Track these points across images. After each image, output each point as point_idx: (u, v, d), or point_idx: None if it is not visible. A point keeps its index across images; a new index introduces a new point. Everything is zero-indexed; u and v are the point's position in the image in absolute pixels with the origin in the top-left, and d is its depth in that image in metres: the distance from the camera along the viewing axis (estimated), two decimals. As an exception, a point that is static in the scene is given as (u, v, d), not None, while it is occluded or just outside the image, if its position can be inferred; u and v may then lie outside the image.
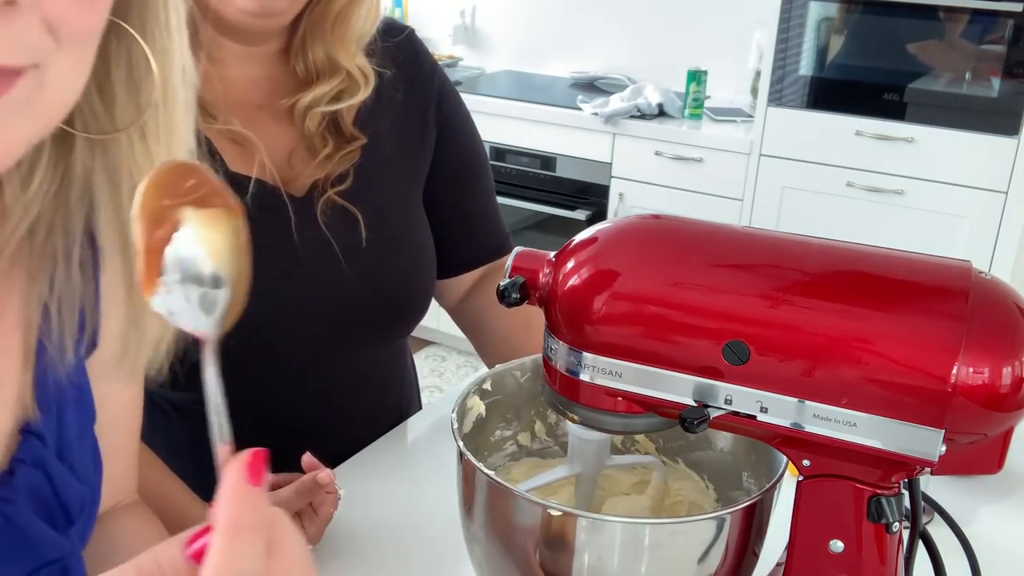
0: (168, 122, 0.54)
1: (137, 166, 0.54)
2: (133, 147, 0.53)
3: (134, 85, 0.52)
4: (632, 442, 0.92)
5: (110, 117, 0.53)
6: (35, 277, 0.57)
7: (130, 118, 0.53)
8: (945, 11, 2.56)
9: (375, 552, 0.94)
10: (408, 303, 1.11)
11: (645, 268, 0.65)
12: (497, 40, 3.65)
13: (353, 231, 1.03)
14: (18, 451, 0.57)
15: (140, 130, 0.53)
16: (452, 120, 1.16)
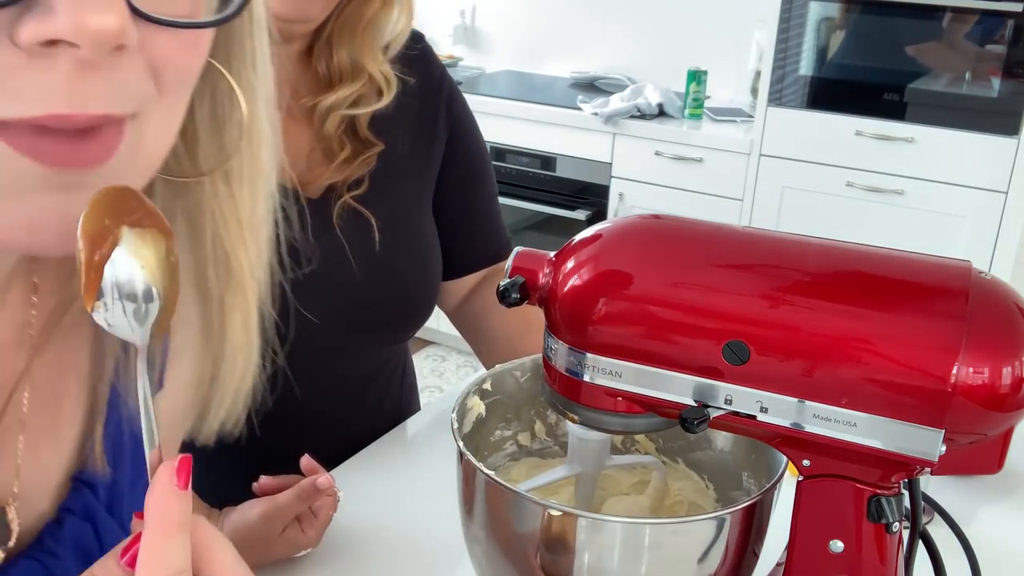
0: (253, 163, 0.51)
1: (220, 210, 0.51)
2: (217, 190, 0.51)
3: (217, 125, 0.50)
4: (632, 442, 0.92)
5: (192, 159, 0.50)
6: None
7: (213, 159, 0.50)
8: (945, 11, 2.56)
9: (375, 552, 0.94)
10: (414, 306, 1.12)
11: (645, 268, 0.65)
12: (497, 40, 3.65)
13: (366, 235, 1.04)
14: (68, 500, 0.55)
15: (224, 172, 0.51)
16: (460, 125, 1.17)
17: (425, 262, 1.12)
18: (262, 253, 0.55)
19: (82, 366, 0.57)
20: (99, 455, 0.56)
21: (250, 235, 0.53)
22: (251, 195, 0.52)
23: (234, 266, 0.53)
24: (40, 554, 0.53)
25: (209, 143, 0.50)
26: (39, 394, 0.54)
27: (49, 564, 0.53)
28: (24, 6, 0.35)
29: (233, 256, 0.52)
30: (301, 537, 0.89)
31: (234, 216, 0.52)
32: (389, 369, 1.19)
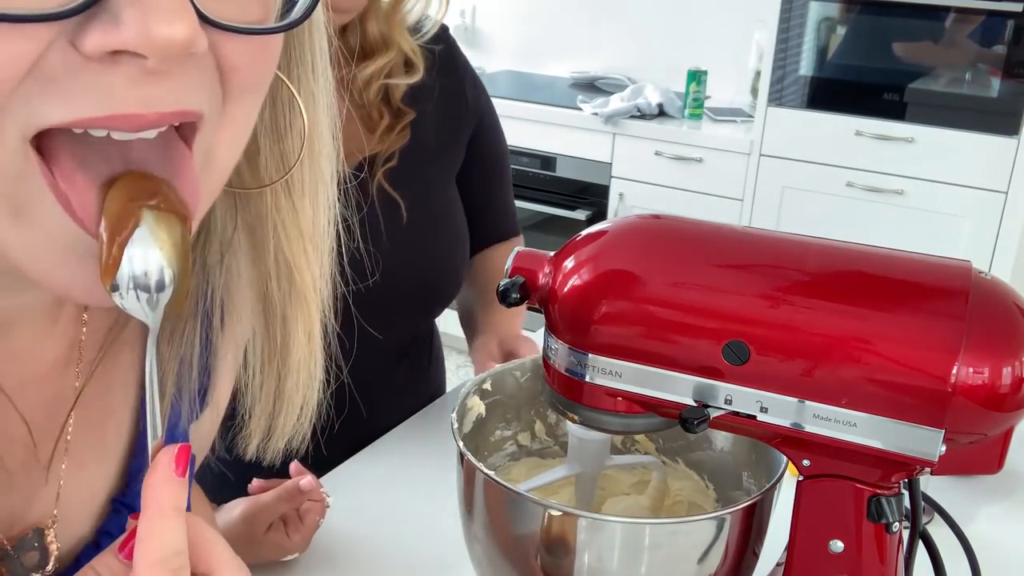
0: (314, 174, 0.50)
1: (282, 221, 0.50)
2: (278, 201, 0.49)
3: (279, 135, 0.49)
4: (632, 442, 0.92)
5: (253, 170, 0.49)
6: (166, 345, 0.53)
7: (274, 170, 0.49)
8: (945, 11, 2.56)
9: (376, 552, 0.94)
10: (442, 283, 1.16)
11: (645, 268, 0.65)
12: (497, 40, 3.64)
13: (394, 212, 1.08)
14: (107, 523, 0.55)
15: (285, 183, 0.49)
16: (485, 110, 1.23)
17: (452, 239, 1.16)
18: (324, 265, 0.53)
19: (130, 385, 0.56)
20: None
21: (312, 247, 0.52)
22: (312, 206, 0.51)
23: (297, 279, 0.51)
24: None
25: (270, 153, 0.49)
26: (86, 414, 0.53)
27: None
28: (89, 14, 0.33)
29: (296, 268, 0.51)
30: (286, 541, 0.89)
31: (296, 228, 0.51)
32: (417, 347, 1.22)
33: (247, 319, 0.53)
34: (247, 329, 0.53)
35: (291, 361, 0.54)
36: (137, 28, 0.33)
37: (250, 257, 0.51)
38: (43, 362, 0.51)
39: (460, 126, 1.19)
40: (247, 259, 0.51)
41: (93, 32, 0.33)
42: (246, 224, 0.50)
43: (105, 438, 0.55)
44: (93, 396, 0.54)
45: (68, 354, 0.52)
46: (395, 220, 1.08)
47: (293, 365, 0.54)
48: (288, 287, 0.51)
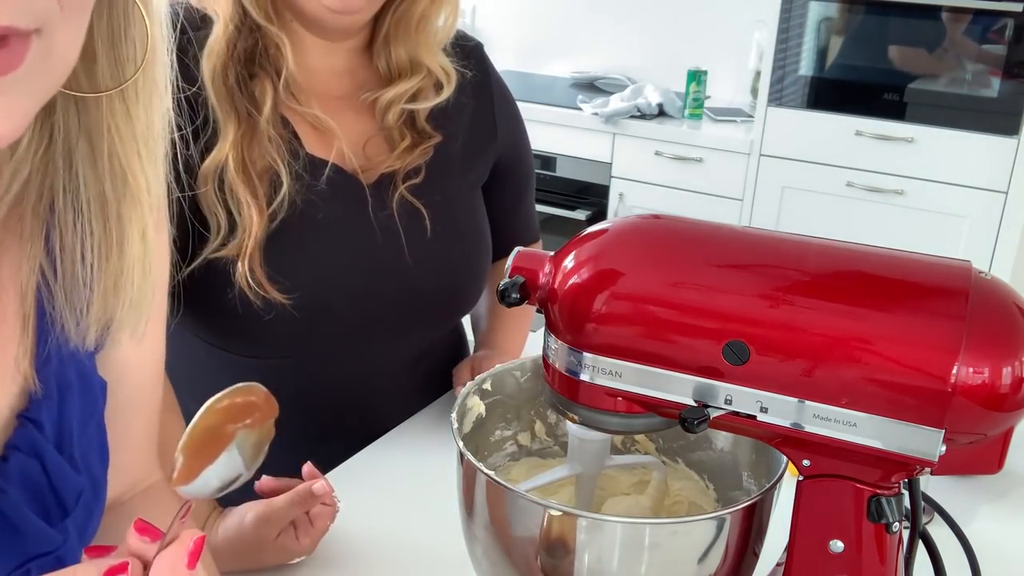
0: (148, 82, 0.53)
1: (116, 126, 0.53)
2: (113, 106, 0.52)
3: (114, 42, 0.51)
4: (632, 442, 0.92)
5: (90, 76, 0.51)
6: (29, 242, 0.56)
7: (110, 76, 0.52)
8: (945, 11, 2.56)
9: (375, 552, 0.94)
10: (463, 292, 1.17)
11: (645, 268, 0.65)
12: (497, 40, 3.64)
13: (418, 222, 1.08)
14: (13, 437, 0.56)
15: (120, 91, 0.52)
16: (513, 130, 1.24)
17: (474, 251, 1.17)
18: (158, 169, 0.56)
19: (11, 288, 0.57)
20: (28, 372, 0.57)
21: (145, 151, 0.54)
22: (146, 113, 0.54)
23: (130, 180, 0.54)
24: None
25: (106, 60, 0.51)
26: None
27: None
28: None
29: (129, 171, 0.54)
30: (295, 544, 0.89)
31: (130, 133, 0.53)
32: (438, 352, 1.23)
33: (88, 217, 0.55)
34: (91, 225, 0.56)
35: (126, 258, 0.56)
36: None
37: (89, 159, 0.54)
38: None
39: (487, 147, 1.19)
40: (87, 161, 0.54)
41: None
42: (85, 128, 0.53)
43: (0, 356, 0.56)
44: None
45: None
46: (418, 230, 1.08)
47: (128, 262, 0.56)
48: (122, 188, 0.54)
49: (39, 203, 0.55)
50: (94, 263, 0.56)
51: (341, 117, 1.06)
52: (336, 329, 1.06)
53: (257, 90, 0.99)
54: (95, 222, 0.55)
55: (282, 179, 0.99)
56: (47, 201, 0.55)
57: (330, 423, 1.13)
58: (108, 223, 0.55)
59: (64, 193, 0.55)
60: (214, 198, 0.97)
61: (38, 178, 0.54)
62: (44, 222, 0.56)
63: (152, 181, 0.55)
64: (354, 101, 1.09)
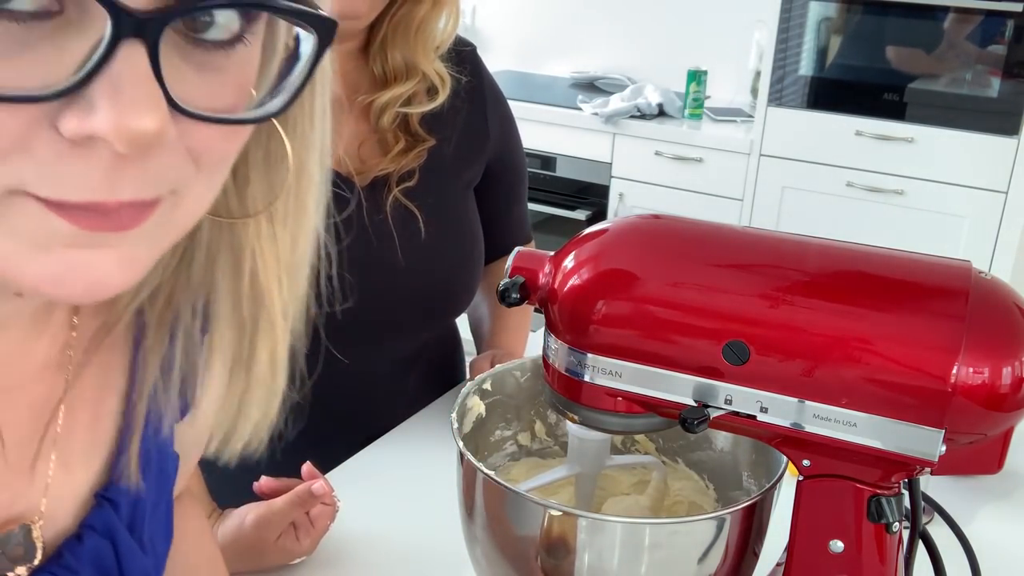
0: (298, 206, 0.52)
1: (260, 248, 0.51)
2: (260, 229, 0.51)
3: (270, 168, 0.50)
4: (632, 442, 0.92)
5: (241, 199, 0.50)
6: (148, 347, 0.56)
7: (261, 200, 0.50)
8: (945, 11, 2.56)
9: (375, 552, 0.94)
10: (455, 292, 1.18)
11: (645, 268, 0.65)
12: (497, 40, 3.65)
13: (412, 224, 1.09)
14: (89, 517, 0.56)
15: (268, 212, 0.51)
16: (506, 128, 1.24)
17: (467, 254, 1.18)
18: (298, 293, 0.55)
19: (119, 384, 0.57)
20: (134, 471, 0.56)
21: (286, 275, 0.53)
22: (292, 237, 0.52)
23: (267, 303, 0.53)
24: (59, 569, 0.53)
25: (259, 184, 0.50)
26: (75, 413, 0.54)
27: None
28: (69, 98, 0.35)
29: (268, 293, 0.53)
30: (295, 546, 0.89)
31: (273, 255, 0.52)
32: (433, 352, 1.23)
33: (223, 332, 0.55)
34: (228, 343, 0.55)
35: (252, 378, 0.55)
36: (109, 117, 0.35)
37: (230, 276, 0.53)
38: (32, 365, 0.52)
39: (480, 150, 1.20)
40: (227, 276, 0.53)
41: (71, 118, 0.35)
42: (230, 248, 0.52)
43: (92, 436, 0.56)
44: (81, 397, 0.55)
45: (59, 357, 0.53)
46: (411, 232, 1.08)
47: (254, 381, 0.56)
48: (257, 310, 0.53)
49: (166, 310, 0.55)
50: (222, 377, 0.55)
51: (335, 120, 1.06)
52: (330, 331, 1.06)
53: None
54: (226, 337, 0.54)
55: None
56: (174, 311, 0.55)
57: (328, 423, 1.13)
58: (241, 342, 0.54)
59: (195, 305, 0.54)
60: None
61: (168, 288, 0.54)
62: (165, 330, 0.55)
63: (290, 305, 0.54)
64: (348, 104, 1.09)
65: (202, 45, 0.38)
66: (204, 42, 0.38)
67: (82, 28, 0.35)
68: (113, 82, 0.34)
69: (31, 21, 0.34)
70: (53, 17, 0.34)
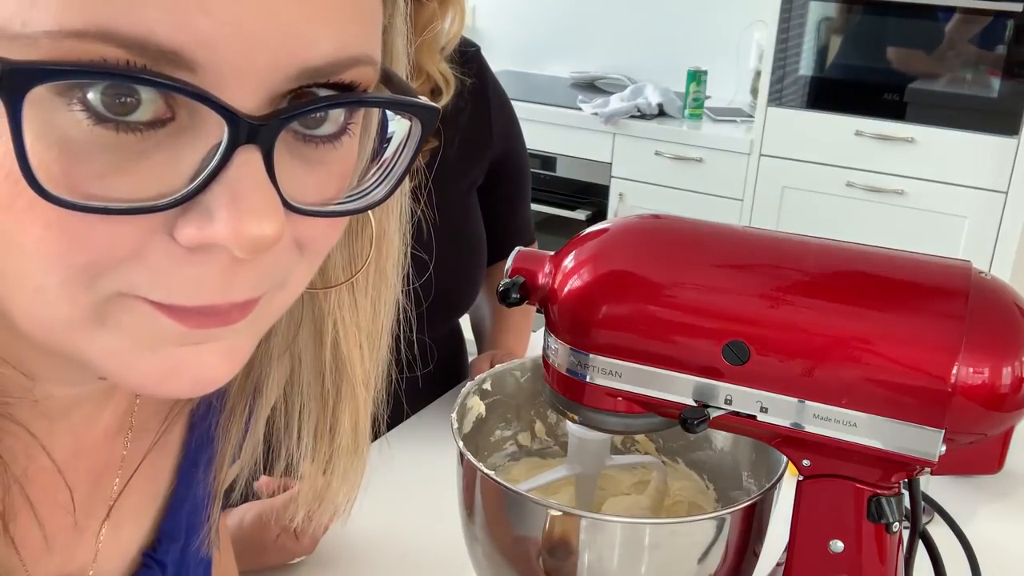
0: (379, 274, 0.52)
1: (342, 318, 0.51)
2: (341, 298, 0.51)
3: (350, 240, 0.50)
4: (632, 442, 0.92)
5: (322, 271, 0.50)
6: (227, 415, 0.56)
7: (341, 271, 0.50)
8: (945, 11, 2.56)
9: (376, 552, 0.94)
10: (458, 294, 1.19)
11: (645, 268, 0.65)
12: (497, 40, 3.64)
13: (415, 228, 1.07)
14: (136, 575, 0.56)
15: (350, 283, 0.51)
16: (509, 132, 1.24)
17: (469, 256, 1.18)
18: (379, 362, 0.55)
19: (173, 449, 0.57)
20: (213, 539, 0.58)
21: (367, 344, 0.53)
22: (373, 305, 0.52)
23: (348, 371, 0.53)
24: None
25: (340, 255, 0.50)
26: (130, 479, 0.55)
27: None
28: (186, 207, 0.34)
29: (349, 362, 0.53)
30: (295, 545, 0.89)
31: (354, 324, 0.52)
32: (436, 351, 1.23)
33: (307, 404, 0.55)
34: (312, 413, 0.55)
35: (336, 447, 0.56)
36: (229, 226, 0.34)
37: (312, 345, 0.52)
38: (96, 433, 0.52)
39: (483, 152, 1.20)
40: (309, 346, 0.52)
41: (188, 226, 0.34)
42: (309, 316, 0.52)
43: (143, 498, 0.56)
44: (137, 462, 0.55)
45: (120, 423, 0.53)
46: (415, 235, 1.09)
47: (337, 451, 0.56)
48: (340, 378, 0.53)
49: (245, 381, 0.55)
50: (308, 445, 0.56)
51: None
52: None
53: None
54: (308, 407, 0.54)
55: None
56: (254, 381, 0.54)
57: None
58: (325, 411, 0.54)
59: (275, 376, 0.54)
60: None
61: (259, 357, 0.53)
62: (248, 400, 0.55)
63: (371, 373, 0.54)
64: None
65: (312, 141, 0.38)
66: (314, 138, 0.38)
67: (196, 134, 0.34)
68: (231, 189, 0.33)
69: (147, 131, 0.33)
70: (166, 124, 0.33)
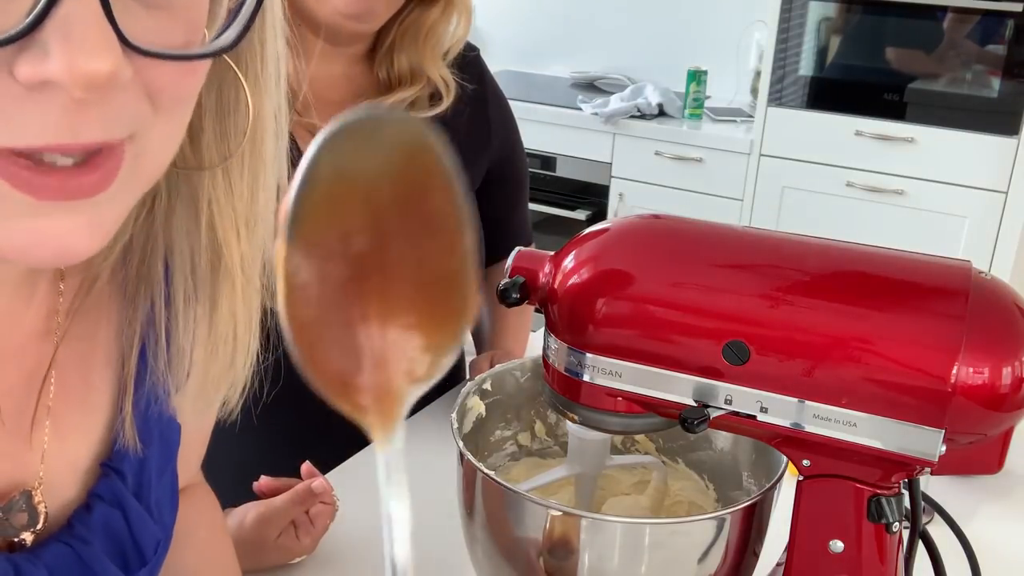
0: (255, 157, 0.51)
1: (216, 198, 0.51)
2: (216, 180, 0.51)
3: (222, 116, 0.50)
4: (632, 442, 0.92)
5: (195, 148, 0.50)
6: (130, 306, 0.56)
7: (215, 149, 0.50)
8: (945, 11, 2.56)
9: (376, 552, 0.94)
10: None
11: (645, 268, 0.65)
12: (497, 40, 3.64)
13: None
14: (97, 487, 0.56)
15: (226, 164, 0.51)
16: (508, 135, 1.24)
17: None
18: (257, 248, 0.54)
19: (109, 347, 0.57)
20: (130, 434, 0.56)
21: (244, 227, 0.53)
22: (251, 188, 0.52)
23: (225, 255, 0.53)
24: (70, 539, 0.54)
25: (213, 134, 0.50)
26: (66, 379, 0.55)
27: (79, 549, 0.54)
28: (22, 44, 0.35)
29: (225, 246, 0.52)
30: (296, 544, 0.89)
31: (230, 207, 0.52)
32: None
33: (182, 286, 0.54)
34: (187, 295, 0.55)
35: (216, 335, 0.55)
36: (63, 61, 0.34)
37: (186, 229, 0.52)
38: (20, 334, 0.52)
39: (481, 154, 1.20)
40: (183, 229, 0.53)
41: (25, 64, 0.35)
42: (185, 198, 0.52)
43: (87, 401, 0.56)
44: (72, 366, 0.55)
45: (46, 324, 0.54)
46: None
47: (218, 338, 0.56)
48: (217, 260, 0.53)
49: (142, 266, 0.55)
50: (193, 333, 0.55)
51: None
52: None
53: None
54: (190, 292, 0.54)
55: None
56: (149, 265, 0.55)
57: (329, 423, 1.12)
58: (201, 295, 0.54)
59: (163, 259, 0.54)
60: None
61: (140, 241, 0.54)
62: (148, 286, 0.55)
63: (250, 257, 0.54)
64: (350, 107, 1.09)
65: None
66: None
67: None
68: (65, 25, 0.34)
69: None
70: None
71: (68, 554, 0.54)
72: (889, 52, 2.69)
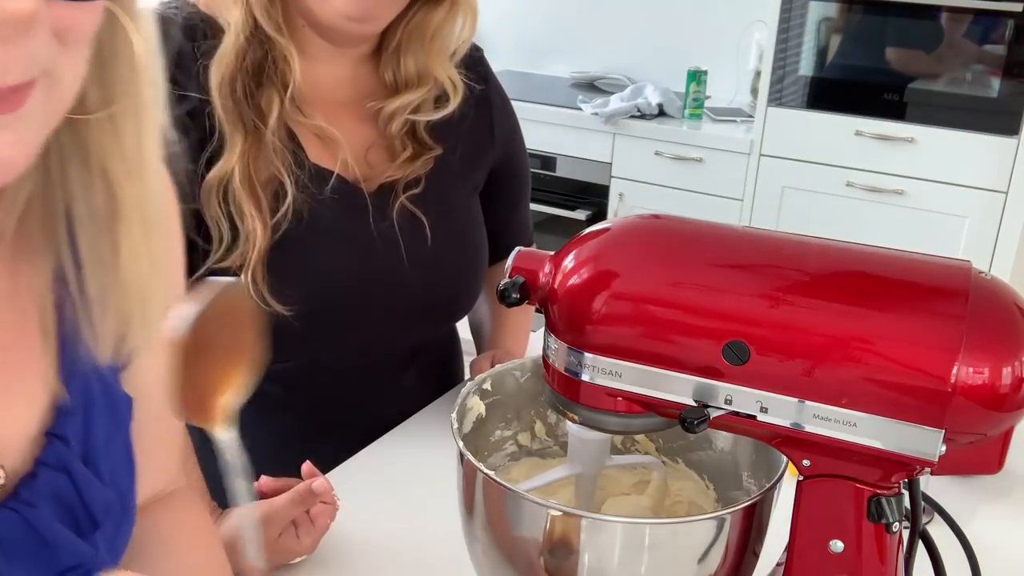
0: (137, 101, 0.54)
1: (105, 145, 0.54)
2: (103, 126, 0.53)
3: (101, 63, 0.52)
4: (632, 442, 0.92)
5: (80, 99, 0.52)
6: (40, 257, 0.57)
7: (97, 96, 0.52)
8: (945, 11, 2.56)
9: (376, 552, 0.94)
10: (460, 296, 1.18)
11: (645, 268, 0.65)
12: (497, 40, 3.64)
13: (418, 231, 1.09)
14: (42, 454, 0.57)
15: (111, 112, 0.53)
16: (511, 136, 1.24)
17: (472, 260, 1.18)
18: (151, 187, 0.57)
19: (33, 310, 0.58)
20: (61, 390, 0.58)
21: (136, 170, 0.55)
22: (136, 131, 0.54)
23: (120, 198, 0.55)
24: (16, 504, 0.55)
25: (94, 81, 0.52)
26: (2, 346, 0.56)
27: (26, 514, 0.55)
28: None
29: (119, 189, 0.55)
30: (296, 544, 0.89)
31: (119, 152, 0.54)
32: (433, 350, 1.24)
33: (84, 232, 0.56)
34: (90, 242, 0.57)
35: (122, 276, 0.57)
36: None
37: (81, 176, 0.55)
38: None
39: (485, 156, 1.20)
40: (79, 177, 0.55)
41: None
42: (76, 147, 0.54)
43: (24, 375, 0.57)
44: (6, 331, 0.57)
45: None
46: (417, 238, 1.08)
47: (124, 280, 0.57)
48: (114, 206, 0.55)
49: (49, 218, 0.56)
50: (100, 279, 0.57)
51: (343, 124, 1.06)
52: (336, 336, 1.07)
53: (263, 102, 0.98)
54: (93, 239, 0.56)
55: (287, 190, 0.99)
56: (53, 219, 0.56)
57: (329, 424, 1.13)
58: (102, 241, 0.56)
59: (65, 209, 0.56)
60: (217, 209, 0.96)
61: (40, 194, 0.55)
62: (55, 237, 0.56)
63: (144, 199, 0.56)
64: (356, 109, 1.09)
65: None
66: None
67: None
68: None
69: None
70: None
71: (15, 519, 0.54)
72: (889, 52, 2.69)
